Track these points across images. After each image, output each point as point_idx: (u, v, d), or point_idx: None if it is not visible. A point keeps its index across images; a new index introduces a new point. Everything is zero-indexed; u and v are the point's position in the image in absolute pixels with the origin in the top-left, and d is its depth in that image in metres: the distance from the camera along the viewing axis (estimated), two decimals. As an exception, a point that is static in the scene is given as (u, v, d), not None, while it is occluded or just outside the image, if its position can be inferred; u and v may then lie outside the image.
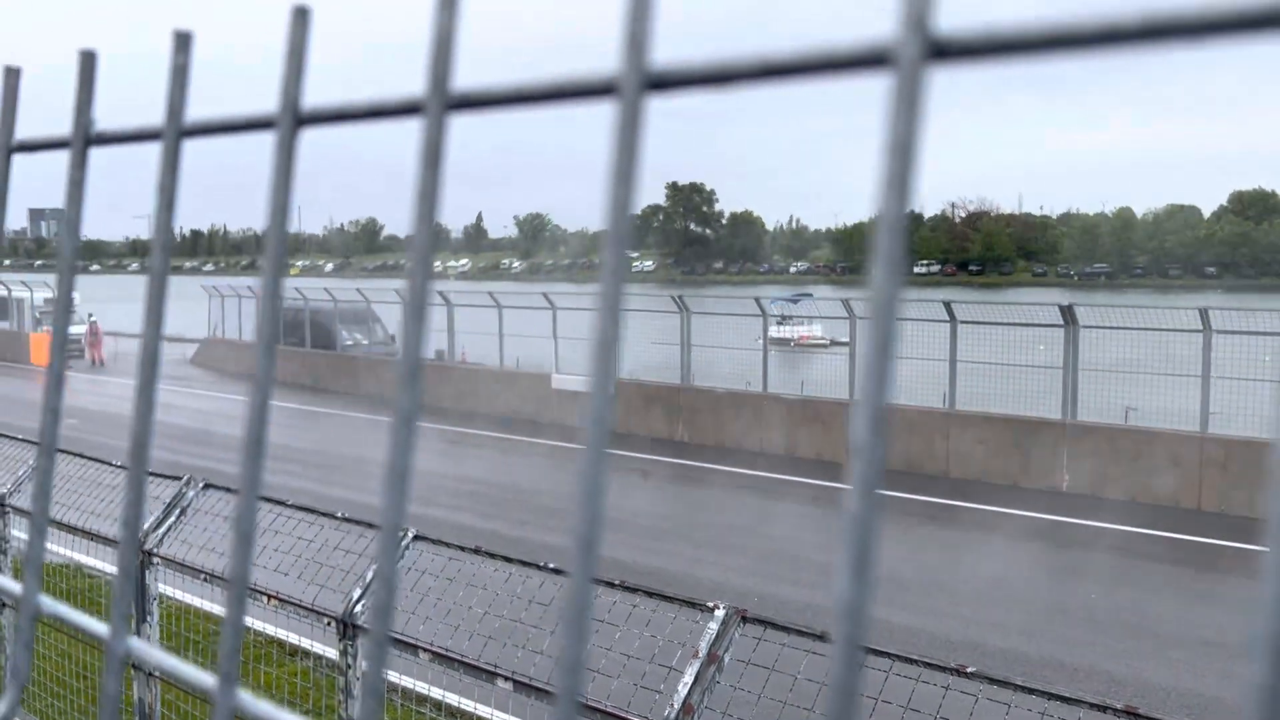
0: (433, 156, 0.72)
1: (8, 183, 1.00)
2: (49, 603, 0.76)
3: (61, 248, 0.97)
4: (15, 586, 0.76)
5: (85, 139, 1.01)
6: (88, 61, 1.11)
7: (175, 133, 0.91)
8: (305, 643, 7.47)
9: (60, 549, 6.32)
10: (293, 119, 0.80)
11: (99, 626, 0.70)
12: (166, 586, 5.58)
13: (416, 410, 0.58)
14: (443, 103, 0.72)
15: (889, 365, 0.45)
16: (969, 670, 2.64)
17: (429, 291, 0.67)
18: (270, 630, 7.67)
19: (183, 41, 0.98)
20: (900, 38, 0.50)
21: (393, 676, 5.24)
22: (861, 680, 0.38)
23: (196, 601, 6.13)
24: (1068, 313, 15.85)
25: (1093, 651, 9.34)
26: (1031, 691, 2.51)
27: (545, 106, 0.64)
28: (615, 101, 0.56)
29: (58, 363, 0.86)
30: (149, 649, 0.69)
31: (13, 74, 1.10)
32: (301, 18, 0.85)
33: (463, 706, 6.30)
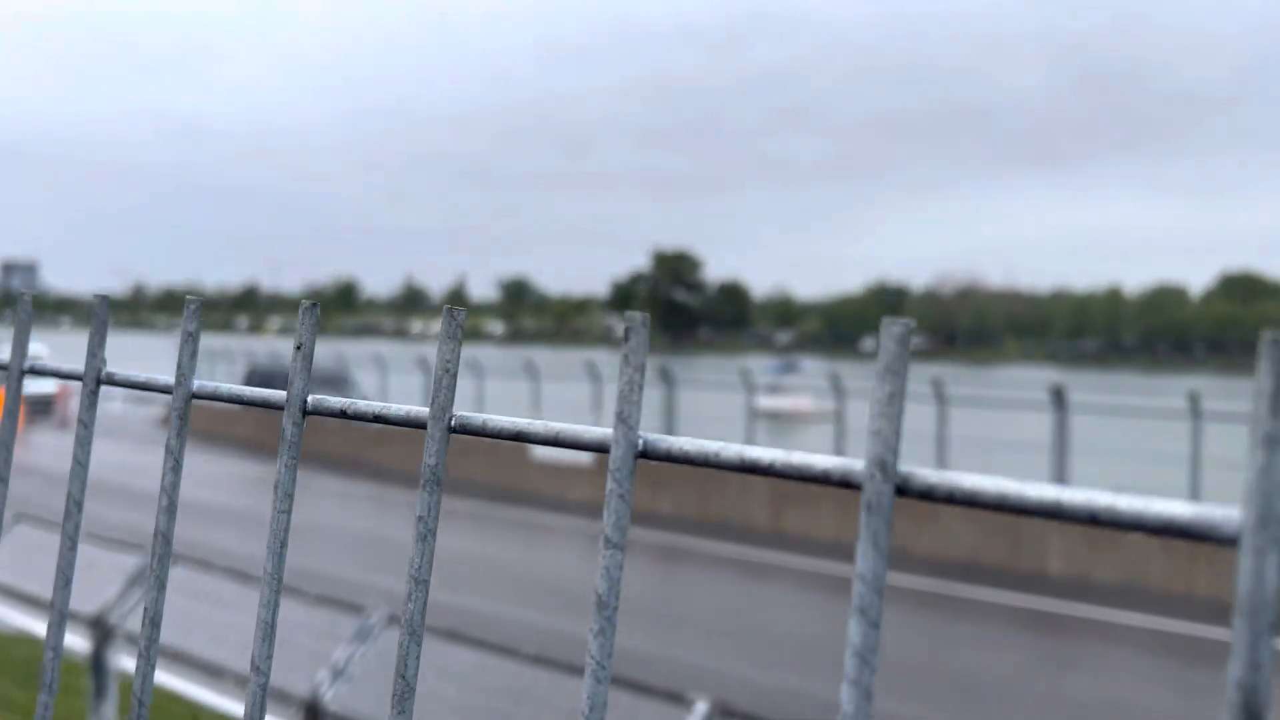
0: (434, 479, 0.87)
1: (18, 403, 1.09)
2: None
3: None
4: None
5: (97, 379, 1.10)
6: (102, 305, 1.20)
7: (185, 395, 1.02)
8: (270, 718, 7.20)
9: (19, 616, 6.06)
10: (300, 408, 0.94)
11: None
12: (131, 660, 5.32)
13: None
14: (444, 427, 0.87)
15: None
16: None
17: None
18: (236, 710, 7.39)
19: (194, 310, 1.08)
20: (869, 472, 0.63)
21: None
22: None
23: (160, 678, 5.86)
24: (1058, 394, 15.80)
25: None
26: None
27: (537, 445, 0.66)
28: (609, 465, 0.70)
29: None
30: None
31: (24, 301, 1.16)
32: (311, 312, 1.05)
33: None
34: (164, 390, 0.76)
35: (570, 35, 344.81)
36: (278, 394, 1.10)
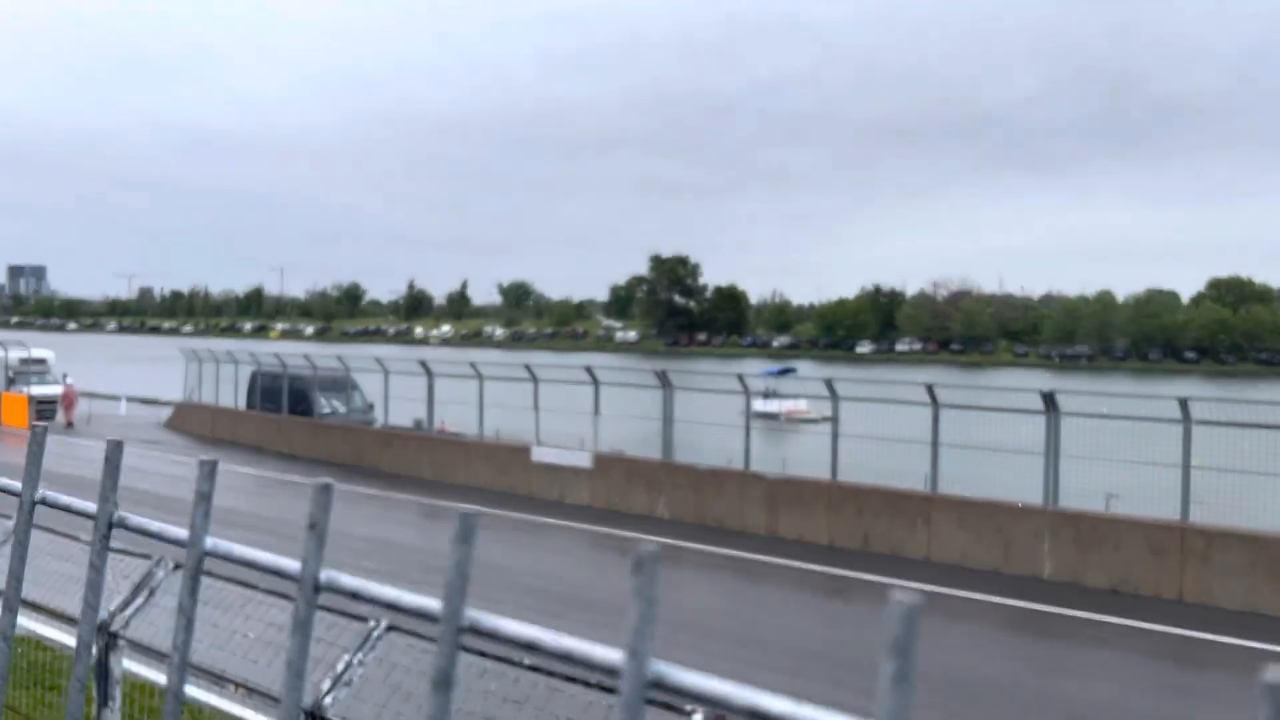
0: (444, 680, 0.79)
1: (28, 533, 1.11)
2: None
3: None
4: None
5: (109, 521, 1.10)
6: (115, 450, 1.21)
7: (197, 556, 1.00)
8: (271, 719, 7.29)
9: (24, 621, 6.15)
10: (312, 588, 0.87)
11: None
12: (136, 665, 5.43)
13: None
14: (454, 629, 0.79)
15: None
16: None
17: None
18: (243, 715, 7.49)
19: (209, 470, 1.08)
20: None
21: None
22: None
23: (156, 677, 5.98)
24: (1049, 400, 15.91)
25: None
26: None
27: (545, 661, 0.69)
28: (618, 694, 0.69)
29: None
30: None
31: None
32: (325, 492, 0.97)
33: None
34: (177, 543, 0.80)
35: (571, 43, 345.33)
36: (291, 566, 1.09)
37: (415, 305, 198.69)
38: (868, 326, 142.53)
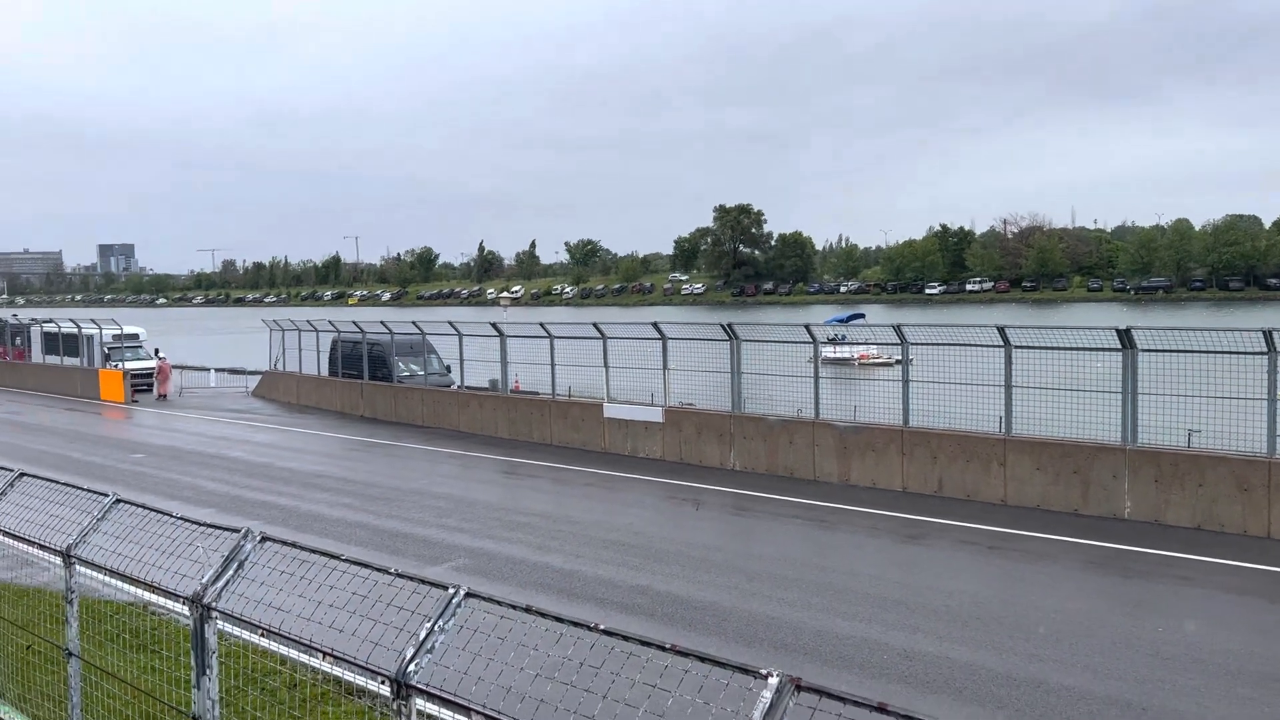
0: None
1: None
2: None
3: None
4: None
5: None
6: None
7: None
8: (361, 681, 7.53)
9: (129, 588, 6.42)
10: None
11: None
12: (230, 626, 5.63)
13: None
14: None
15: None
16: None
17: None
18: (327, 668, 7.74)
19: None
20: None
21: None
22: None
23: (254, 639, 6.21)
24: (1125, 336, 15.56)
25: (1159, 690, 9.10)
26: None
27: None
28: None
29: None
30: None
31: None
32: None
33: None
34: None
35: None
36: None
37: (486, 267, 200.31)
38: (936, 267, 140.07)
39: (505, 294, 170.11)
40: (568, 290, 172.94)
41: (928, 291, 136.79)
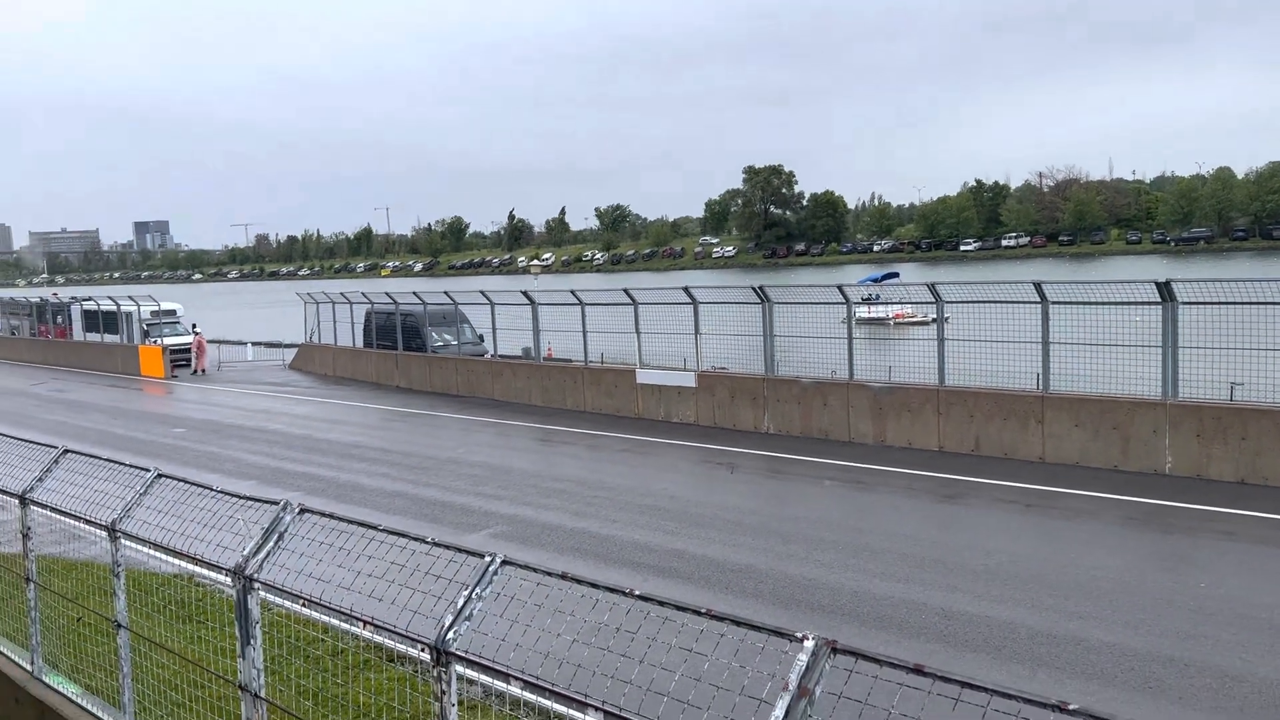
0: None
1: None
2: None
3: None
4: None
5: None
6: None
7: None
8: (402, 648, 7.64)
9: (174, 560, 6.53)
10: None
11: None
12: (273, 597, 5.72)
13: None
14: None
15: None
16: (1071, 708, 2.56)
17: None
18: (368, 636, 7.85)
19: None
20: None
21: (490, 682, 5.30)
22: None
23: (297, 609, 6.31)
24: (1165, 289, 15.33)
25: (1202, 646, 9.03)
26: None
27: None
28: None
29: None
30: None
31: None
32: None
33: None
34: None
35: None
36: None
37: (516, 235, 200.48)
38: (971, 224, 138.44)
39: (536, 262, 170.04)
40: (598, 256, 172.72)
41: (962, 248, 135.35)
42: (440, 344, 31.24)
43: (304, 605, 5.12)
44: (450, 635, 4.15)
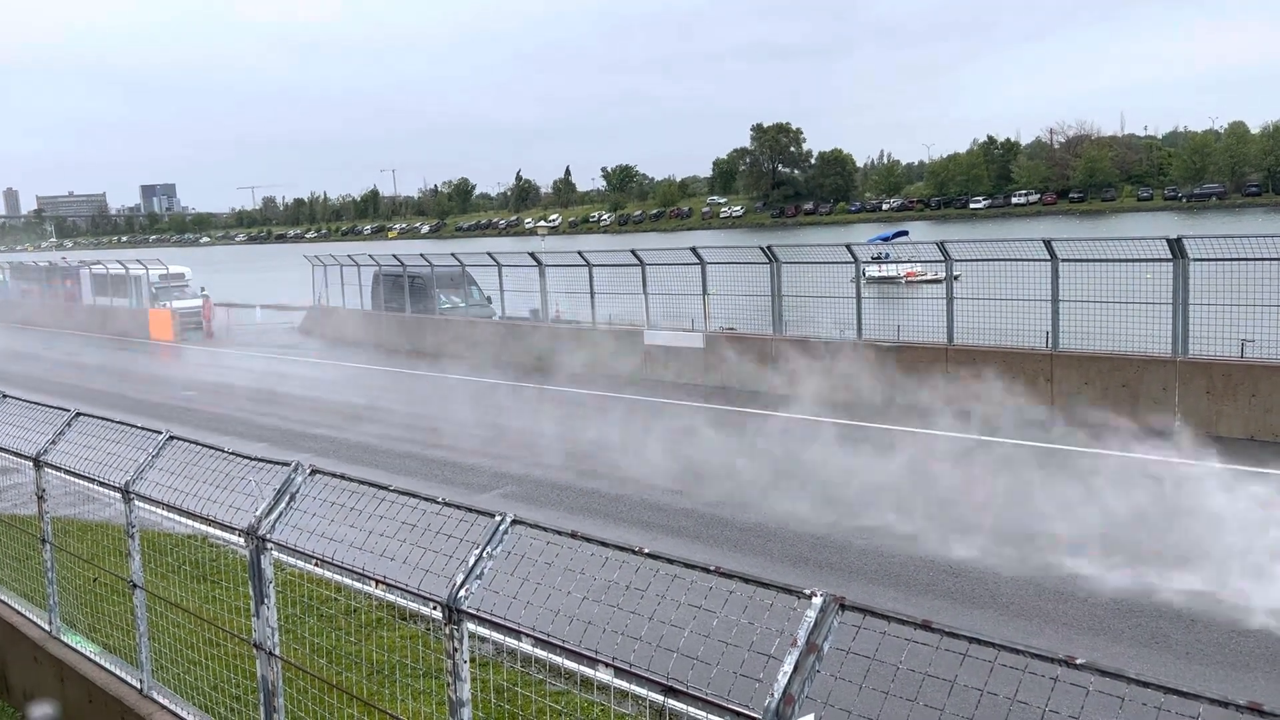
0: None
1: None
2: None
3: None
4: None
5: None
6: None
7: None
8: (414, 606, 7.71)
9: (187, 521, 6.59)
10: None
11: None
12: (286, 556, 5.78)
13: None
14: None
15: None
16: (1078, 662, 2.58)
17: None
18: (380, 594, 7.93)
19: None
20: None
21: (501, 639, 5.35)
22: None
23: (310, 568, 6.37)
24: (1176, 246, 15.24)
25: (1219, 602, 9.09)
26: (1146, 685, 2.44)
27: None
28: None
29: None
30: None
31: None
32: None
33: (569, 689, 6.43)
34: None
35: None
36: None
37: (523, 196, 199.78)
38: (981, 181, 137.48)
39: (543, 223, 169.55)
40: (605, 217, 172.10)
41: (972, 206, 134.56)
42: (448, 305, 31.26)
43: (317, 565, 5.16)
44: (462, 593, 4.19)
